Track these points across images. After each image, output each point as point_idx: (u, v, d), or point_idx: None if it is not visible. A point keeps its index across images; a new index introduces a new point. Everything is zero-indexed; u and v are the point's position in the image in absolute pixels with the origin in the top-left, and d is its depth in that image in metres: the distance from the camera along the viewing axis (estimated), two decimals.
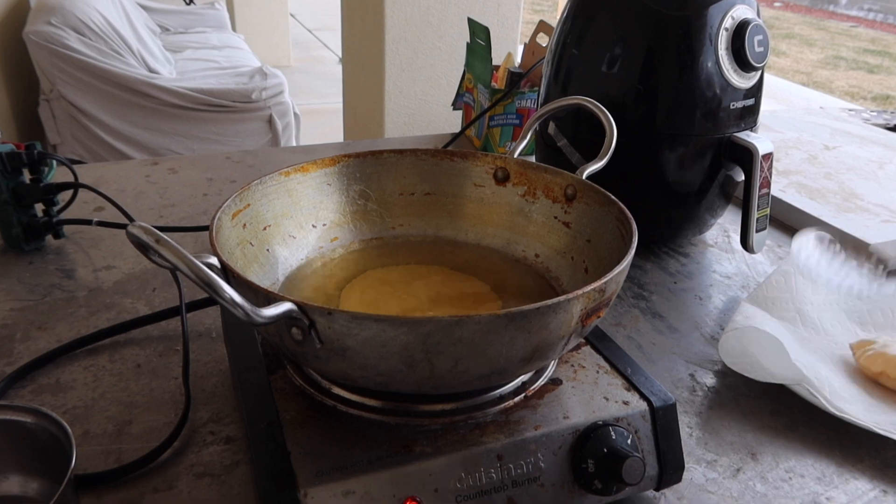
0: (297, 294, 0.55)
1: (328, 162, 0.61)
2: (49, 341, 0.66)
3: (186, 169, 1.06)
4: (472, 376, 0.42)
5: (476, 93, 1.14)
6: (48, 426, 0.45)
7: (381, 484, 0.43)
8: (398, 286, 0.57)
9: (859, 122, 1.43)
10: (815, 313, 0.72)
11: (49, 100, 2.57)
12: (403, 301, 0.55)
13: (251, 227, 0.55)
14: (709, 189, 0.83)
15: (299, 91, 4.07)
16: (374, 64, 1.87)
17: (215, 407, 0.59)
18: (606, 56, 0.80)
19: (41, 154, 0.78)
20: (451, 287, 0.57)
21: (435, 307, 0.54)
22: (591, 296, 0.42)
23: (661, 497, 0.52)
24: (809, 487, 0.54)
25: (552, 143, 0.86)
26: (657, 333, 0.72)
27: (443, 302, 0.55)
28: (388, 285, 0.57)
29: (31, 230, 0.80)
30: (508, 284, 0.58)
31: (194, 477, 0.52)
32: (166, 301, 0.73)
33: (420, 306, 0.54)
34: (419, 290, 0.56)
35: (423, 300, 0.55)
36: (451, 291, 0.57)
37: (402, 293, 0.56)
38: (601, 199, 0.56)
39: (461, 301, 0.55)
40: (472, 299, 0.56)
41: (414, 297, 0.55)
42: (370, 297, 0.55)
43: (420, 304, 0.54)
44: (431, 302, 0.55)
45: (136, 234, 0.35)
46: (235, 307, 0.35)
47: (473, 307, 0.55)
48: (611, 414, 0.49)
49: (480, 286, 0.57)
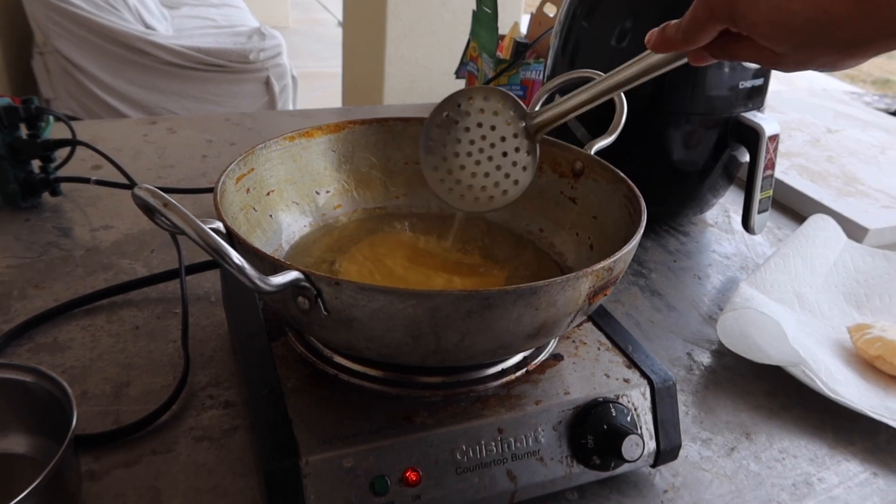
0: (301, 262, 0.55)
1: (333, 128, 0.60)
2: (46, 300, 0.65)
3: (185, 129, 1.04)
4: (478, 351, 0.41)
5: (480, 62, 1.13)
6: (48, 386, 0.45)
7: (382, 454, 0.43)
8: (398, 256, 0.56)
9: (861, 106, 1.42)
10: (812, 296, 0.73)
11: (43, 53, 2.52)
12: (404, 270, 0.54)
13: (255, 191, 0.54)
14: (712, 169, 0.83)
15: (297, 53, 4.00)
16: (376, 29, 1.85)
17: (214, 371, 0.58)
18: (616, 30, 0.79)
19: (39, 109, 0.77)
20: (453, 259, 0.57)
21: (434, 278, 0.54)
22: (600, 274, 0.41)
23: (657, 474, 0.53)
24: (802, 468, 0.55)
25: None
26: (656, 312, 0.72)
27: (443, 271, 0.55)
28: (388, 255, 0.56)
29: (27, 186, 0.79)
30: (511, 258, 0.58)
31: (193, 440, 0.52)
32: (165, 263, 0.72)
33: (419, 277, 0.54)
34: (420, 260, 0.56)
35: (422, 270, 0.55)
36: (451, 263, 0.56)
37: (403, 263, 0.55)
38: (609, 176, 0.55)
39: (461, 272, 0.55)
40: (472, 271, 0.55)
41: (414, 266, 0.55)
42: (369, 266, 0.55)
43: (420, 274, 0.54)
44: (432, 272, 0.55)
45: (142, 196, 0.35)
46: (243, 275, 0.35)
47: (474, 278, 0.54)
48: (611, 391, 0.49)
49: (481, 260, 0.57)
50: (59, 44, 2.49)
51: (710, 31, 0.41)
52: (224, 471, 0.50)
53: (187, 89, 2.65)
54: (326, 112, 1.18)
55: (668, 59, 0.46)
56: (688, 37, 0.42)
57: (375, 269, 0.54)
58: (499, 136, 0.57)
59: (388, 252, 0.57)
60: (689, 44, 0.43)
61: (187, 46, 2.59)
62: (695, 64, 0.45)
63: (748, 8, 0.38)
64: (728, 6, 0.39)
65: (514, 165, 0.56)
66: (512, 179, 0.57)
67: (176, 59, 2.57)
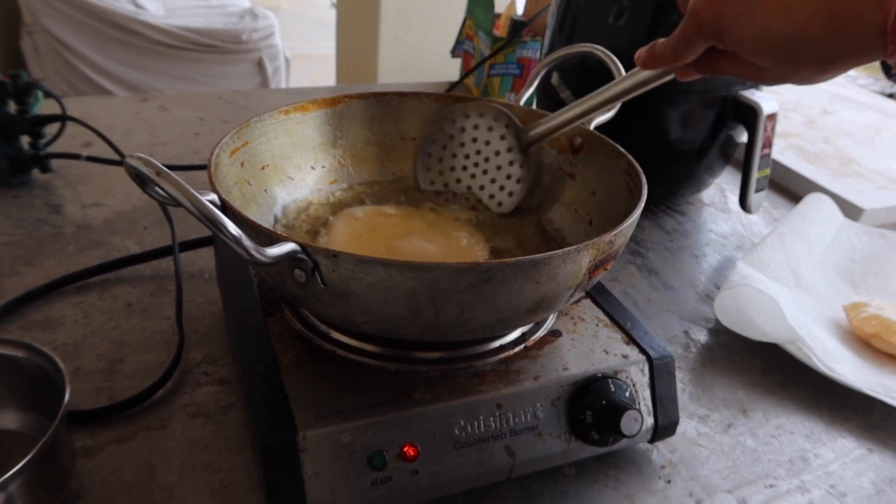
0: (295, 235, 0.54)
1: (329, 102, 0.59)
2: (37, 277, 0.64)
3: (177, 107, 1.03)
4: (477, 325, 0.41)
5: (477, 40, 1.12)
6: (40, 361, 0.45)
7: (380, 429, 0.43)
8: (383, 226, 0.56)
9: (855, 88, 1.42)
10: (809, 275, 0.73)
11: (31, 32, 2.48)
12: (386, 236, 0.54)
13: (249, 165, 0.53)
14: (709, 148, 0.82)
15: (289, 35, 3.96)
16: (370, 8, 1.82)
17: (208, 348, 0.58)
18: (614, 7, 0.78)
19: (28, 84, 0.75)
20: (436, 228, 0.56)
21: (417, 247, 0.54)
22: (601, 247, 0.41)
23: (654, 449, 0.53)
24: (798, 444, 0.55)
25: (554, 94, 0.84)
26: (653, 290, 0.72)
27: (423, 237, 0.55)
28: (373, 225, 0.56)
29: (16, 163, 0.77)
30: (509, 234, 0.57)
31: (188, 416, 0.51)
32: (157, 240, 0.71)
33: (400, 245, 0.53)
34: (400, 228, 0.56)
35: (404, 238, 0.54)
36: (434, 232, 0.56)
37: (386, 231, 0.55)
38: (609, 152, 0.55)
39: (443, 240, 0.55)
40: (455, 241, 0.55)
41: (395, 233, 0.55)
42: (354, 234, 0.54)
43: (401, 242, 0.54)
44: (412, 238, 0.54)
45: (134, 165, 0.34)
46: (240, 245, 0.34)
47: (456, 249, 0.54)
48: (610, 366, 0.49)
49: (465, 229, 0.57)
50: (48, 23, 2.46)
51: (698, 47, 0.44)
52: (219, 447, 0.49)
53: (178, 70, 2.62)
54: (323, 90, 1.17)
55: (656, 75, 0.49)
56: (676, 53, 0.45)
57: (359, 235, 0.54)
58: (493, 150, 0.60)
59: (373, 221, 0.56)
60: (677, 60, 0.45)
61: (178, 26, 2.56)
62: (681, 79, 0.48)
63: (734, 27, 0.40)
64: (715, 24, 0.41)
65: (509, 178, 0.59)
66: (507, 192, 0.60)
67: (167, 38, 2.54)
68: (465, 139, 0.60)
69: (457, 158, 0.60)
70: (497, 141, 0.59)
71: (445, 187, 0.61)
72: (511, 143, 0.58)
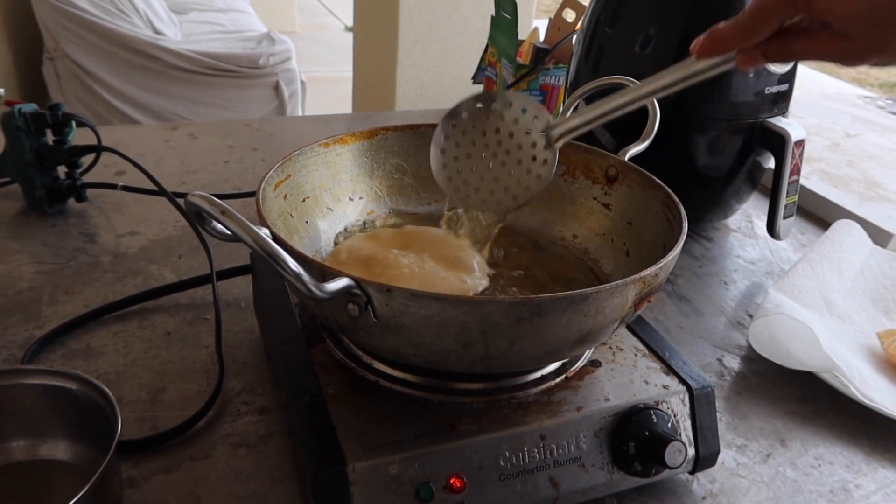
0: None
1: (366, 134, 0.60)
2: (76, 306, 0.65)
3: (206, 135, 1.05)
4: (525, 357, 0.41)
5: (499, 67, 1.13)
6: (91, 392, 0.45)
7: (426, 461, 0.43)
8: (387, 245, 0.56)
9: (876, 110, 1.42)
10: (841, 302, 0.73)
11: (53, 59, 2.53)
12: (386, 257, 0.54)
13: (291, 198, 0.54)
14: (737, 174, 0.83)
15: (304, 58, 4.00)
16: (388, 34, 1.85)
17: (247, 377, 0.58)
18: (641, 35, 0.79)
19: (66, 115, 0.77)
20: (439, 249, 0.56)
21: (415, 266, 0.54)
22: (647, 280, 0.41)
23: (695, 480, 0.53)
24: (839, 475, 0.55)
25: None
26: (684, 317, 0.72)
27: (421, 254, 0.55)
28: (381, 244, 0.56)
29: (54, 192, 0.79)
30: (546, 265, 0.58)
31: (231, 446, 0.52)
32: (192, 269, 0.72)
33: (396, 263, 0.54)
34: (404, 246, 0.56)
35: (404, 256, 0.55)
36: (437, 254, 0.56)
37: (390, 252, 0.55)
38: (645, 182, 0.55)
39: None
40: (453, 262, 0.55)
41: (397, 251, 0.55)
42: (363, 255, 0.54)
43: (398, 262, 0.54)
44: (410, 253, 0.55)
45: (198, 203, 0.35)
46: (300, 282, 0.35)
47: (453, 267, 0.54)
48: (651, 397, 0.49)
49: (466, 250, 0.57)
50: (69, 49, 2.50)
51: (772, 22, 0.39)
52: (262, 477, 0.50)
53: (197, 94, 2.65)
54: (346, 117, 1.18)
55: (711, 64, 0.43)
56: (745, 33, 0.40)
57: (367, 257, 0.54)
58: (516, 143, 0.55)
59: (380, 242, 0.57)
60: (746, 39, 0.40)
61: (197, 51, 2.59)
62: (744, 67, 0.42)
63: None
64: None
65: (529, 173, 0.54)
66: (524, 185, 0.54)
67: (186, 64, 2.58)
68: (488, 127, 0.55)
69: (475, 147, 0.55)
70: (522, 134, 0.54)
71: (458, 174, 0.55)
72: (536, 137, 0.53)
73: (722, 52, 0.42)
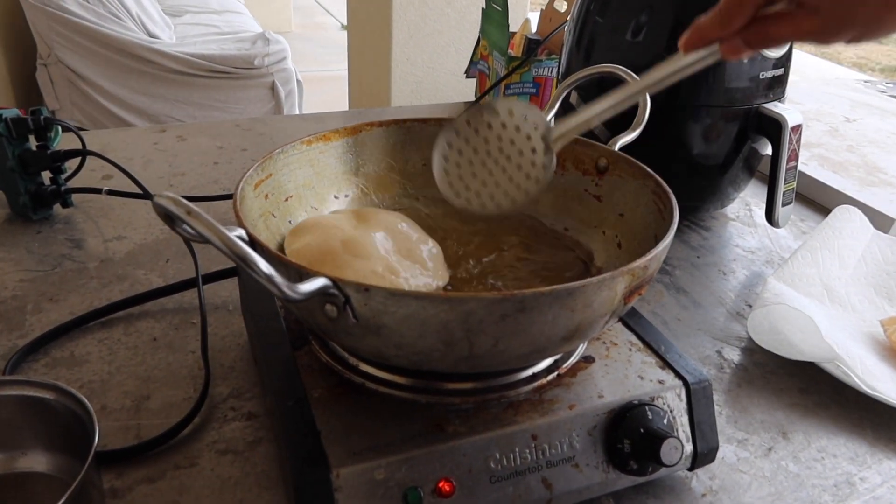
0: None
1: (350, 131, 0.59)
2: (61, 313, 0.64)
3: (195, 136, 1.03)
4: (511, 356, 0.40)
5: (491, 60, 1.11)
6: (68, 403, 0.44)
7: (414, 464, 0.42)
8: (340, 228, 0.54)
9: (876, 94, 1.40)
10: (842, 289, 0.71)
11: (47, 64, 2.52)
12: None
13: (273, 197, 0.53)
14: (733, 162, 0.81)
15: (301, 58, 3.99)
16: (381, 30, 1.83)
17: (235, 382, 0.57)
18: (632, 23, 0.77)
19: (48, 120, 0.76)
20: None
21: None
22: (636, 272, 0.40)
23: (694, 477, 0.51)
24: (843, 467, 0.53)
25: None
26: (682, 309, 0.71)
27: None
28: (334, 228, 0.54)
29: (38, 199, 0.78)
30: (537, 259, 0.56)
31: (217, 454, 0.51)
32: (180, 272, 0.71)
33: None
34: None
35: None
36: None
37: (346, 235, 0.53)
38: (636, 172, 0.54)
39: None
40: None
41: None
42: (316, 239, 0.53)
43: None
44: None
45: (164, 205, 0.34)
46: (272, 283, 0.33)
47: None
48: (646, 393, 0.48)
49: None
50: (63, 54, 2.49)
51: (749, 7, 0.40)
52: (250, 484, 0.48)
53: (192, 97, 2.64)
54: (338, 115, 1.17)
55: (698, 58, 0.44)
56: (725, 19, 0.41)
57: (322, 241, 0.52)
58: (517, 149, 0.54)
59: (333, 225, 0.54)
60: (726, 27, 0.41)
61: (191, 54, 2.58)
62: (729, 57, 0.43)
63: None
64: None
65: (528, 178, 0.54)
66: (523, 189, 0.54)
67: (180, 66, 2.57)
68: (490, 135, 0.54)
69: (477, 154, 0.55)
70: (523, 140, 0.53)
71: (459, 180, 0.54)
72: (536, 142, 0.53)
73: (705, 43, 0.42)
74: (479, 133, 0.54)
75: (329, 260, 0.49)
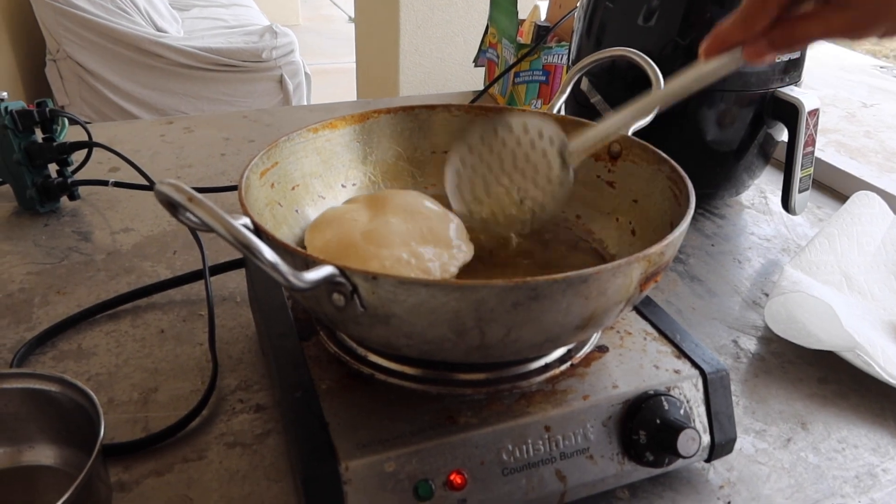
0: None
1: (358, 118, 0.58)
2: (69, 306, 0.64)
3: (202, 128, 1.03)
4: (524, 345, 0.39)
5: (500, 48, 1.10)
6: (75, 395, 0.44)
7: (425, 457, 0.41)
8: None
9: (892, 79, 1.38)
10: (861, 277, 0.69)
11: (55, 60, 2.52)
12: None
13: (279, 186, 0.52)
14: (748, 148, 0.80)
15: (309, 51, 3.98)
16: (389, 21, 1.82)
17: (243, 374, 0.57)
18: (643, 8, 0.76)
19: (53, 112, 0.75)
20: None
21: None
22: (652, 259, 0.39)
23: (711, 468, 0.50)
24: (864, 458, 0.52)
25: (584, 99, 0.82)
26: (697, 298, 0.69)
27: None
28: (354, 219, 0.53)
29: (45, 191, 0.77)
30: (549, 247, 0.55)
31: (225, 446, 0.50)
32: (187, 264, 0.70)
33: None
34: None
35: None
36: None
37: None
38: (650, 158, 0.52)
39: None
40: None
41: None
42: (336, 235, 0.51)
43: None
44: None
45: (165, 192, 0.33)
46: (276, 272, 0.32)
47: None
48: (661, 382, 0.46)
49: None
50: (72, 50, 2.49)
51: (773, 6, 0.39)
52: (258, 477, 0.48)
53: (201, 90, 2.64)
54: (346, 105, 1.16)
55: (720, 64, 0.42)
56: (748, 20, 0.40)
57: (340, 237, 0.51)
58: (532, 165, 0.53)
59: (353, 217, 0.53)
60: (748, 29, 0.40)
61: (199, 47, 2.58)
62: (752, 61, 0.41)
63: None
64: None
65: (544, 195, 0.53)
66: (538, 205, 0.53)
67: (188, 60, 2.56)
68: (504, 151, 0.54)
69: (492, 172, 0.54)
70: (540, 158, 0.53)
71: (473, 198, 0.54)
72: (553, 159, 0.52)
73: (727, 47, 0.41)
74: (493, 150, 0.54)
75: (353, 253, 0.48)
